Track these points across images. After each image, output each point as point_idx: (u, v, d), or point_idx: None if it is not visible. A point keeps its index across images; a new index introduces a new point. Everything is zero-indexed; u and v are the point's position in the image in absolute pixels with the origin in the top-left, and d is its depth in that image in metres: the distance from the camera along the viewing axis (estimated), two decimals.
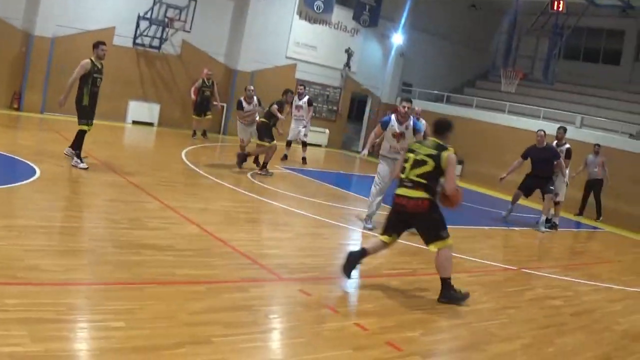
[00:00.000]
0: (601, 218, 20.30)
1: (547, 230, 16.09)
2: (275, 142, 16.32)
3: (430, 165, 7.90)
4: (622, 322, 8.82)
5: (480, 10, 32.48)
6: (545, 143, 15.93)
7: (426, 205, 7.95)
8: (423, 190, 7.93)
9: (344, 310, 7.20)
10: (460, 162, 27.37)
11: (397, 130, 12.10)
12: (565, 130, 17.01)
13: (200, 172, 15.23)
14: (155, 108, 24.04)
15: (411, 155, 8.14)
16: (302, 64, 28.32)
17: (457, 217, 14.88)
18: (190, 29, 23.42)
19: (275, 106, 16.66)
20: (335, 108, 30.14)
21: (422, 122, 15.97)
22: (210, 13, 24.96)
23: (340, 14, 29.19)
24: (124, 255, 7.55)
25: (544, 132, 16.12)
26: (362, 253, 8.33)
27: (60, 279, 6.35)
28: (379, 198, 12.26)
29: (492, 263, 11.25)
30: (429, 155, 7.96)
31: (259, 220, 11.22)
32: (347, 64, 29.87)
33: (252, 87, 17.34)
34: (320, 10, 28.02)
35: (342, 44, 29.62)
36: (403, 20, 30.55)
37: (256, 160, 16.98)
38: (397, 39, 31.10)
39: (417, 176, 7.93)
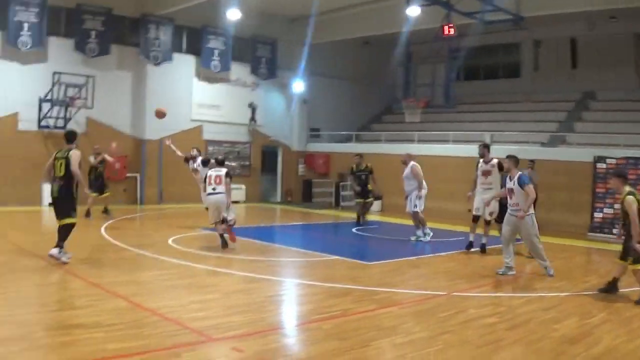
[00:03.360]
0: None
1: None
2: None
3: None
4: (559, 327, 9.09)
5: (374, 46, 33.26)
6: None
7: None
8: None
9: None
10: (379, 197, 27.80)
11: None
12: (485, 146, 16.88)
13: (122, 245, 15.21)
14: None
15: None
16: (207, 125, 28.63)
17: (382, 252, 15.17)
18: (92, 105, 23.49)
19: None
20: (247, 163, 30.41)
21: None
22: (110, 87, 25.13)
23: (238, 70, 29.66)
24: (54, 337, 7.59)
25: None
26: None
27: None
28: None
29: (421, 292, 11.46)
30: None
31: (184, 285, 11.24)
32: (253, 118, 30.27)
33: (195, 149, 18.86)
34: (218, 70, 28.40)
35: (245, 99, 30.07)
36: (302, 68, 31.00)
37: None
38: (298, 86, 31.72)
39: None
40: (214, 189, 15.49)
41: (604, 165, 20.50)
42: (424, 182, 17.92)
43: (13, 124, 22.89)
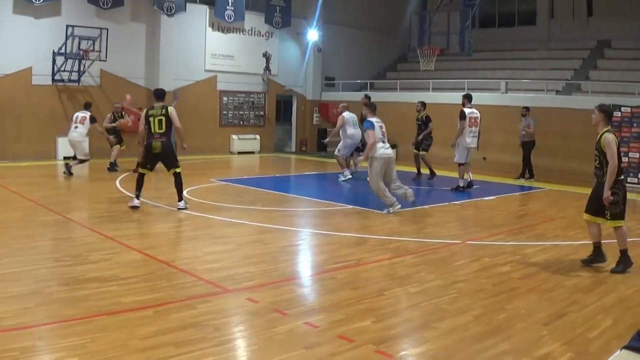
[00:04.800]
0: (523, 178, 20.95)
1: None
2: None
3: None
4: (572, 277, 9.12)
5: None
6: None
7: None
8: None
9: (293, 312, 7.25)
10: (393, 146, 27.72)
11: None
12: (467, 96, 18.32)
13: None
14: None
15: None
16: (222, 75, 28.50)
17: (397, 201, 15.16)
18: (106, 57, 23.37)
19: None
20: (261, 113, 30.29)
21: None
22: (123, 39, 24.94)
23: (252, 20, 29.41)
24: (69, 292, 7.63)
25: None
26: None
27: (9, 325, 6.41)
28: None
29: (436, 240, 11.47)
30: None
31: (199, 237, 11.28)
32: (267, 68, 30.11)
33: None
34: (232, 19, 28.15)
35: (259, 49, 29.90)
36: (316, 16, 30.80)
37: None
38: (312, 35, 31.50)
39: None
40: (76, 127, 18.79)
41: (619, 114, 20.24)
42: (350, 131, 20.01)
43: (27, 78, 22.85)
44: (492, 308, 7.57)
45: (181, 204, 13.67)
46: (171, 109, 13.72)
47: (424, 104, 20.75)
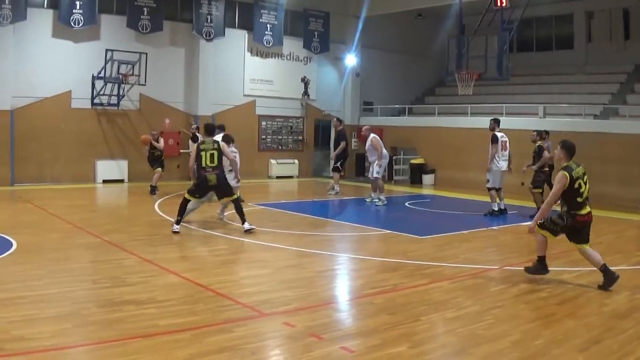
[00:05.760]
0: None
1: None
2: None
3: None
4: (609, 302, 8.98)
5: (427, 19, 32.87)
6: None
7: None
8: None
9: (329, 336, 7.20)
10: (432, 170, 27.69)
11: None
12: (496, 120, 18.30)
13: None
14: (124, 164, 24.25)
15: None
16: (260, 100, 28.68)
17: (434, 226, 15.09)
18: (145, 81, 23.56)
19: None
20: (300, 138, 30.38)
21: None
22: (163, 63, 25.21)
23: (290, 45, 29.59)
24: (107, 314, 7.64)
25: None
26: None
27: (47, 346, 6.42)
28: None
29: (473, 266, 11.36)
30: None
31: (236, 261, 11.31)
32: (306, 92, 30.18)
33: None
34: (270, 44, 28.36)
35: (297, 74, 30.01)
36: (355, 41, 30.91)
37: None
38: (351, 60, 31.60)
39: None
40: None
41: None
42: (384, 151, 20.10)
43: (67, 101, 23.17)
44: (528, 334, 7.46)
45: (246, 225, 13.87)
46: (222, 144, 14.22)
47: (539, 133, 18.48)
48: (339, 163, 22.83)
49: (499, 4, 23.43)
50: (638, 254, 13.13)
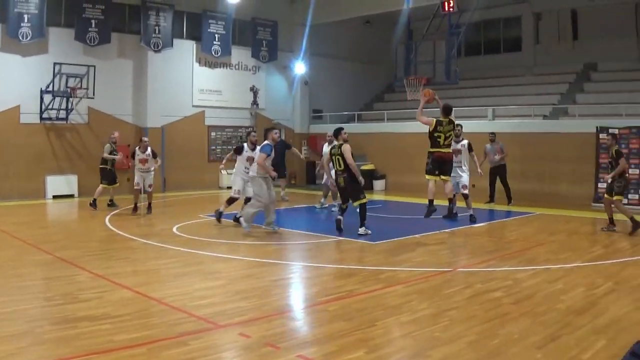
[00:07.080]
0: (512, 202, 21.21)
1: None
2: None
3: None
4: (565, 299, 9.15)
5: (374, 25, 33.24)
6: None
7: None
8: None
9: (286, 345, 7.23)
10: (383, 176, 27.84)
11: None
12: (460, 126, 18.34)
13: (126, 235, 15.26)
14: (73, 179, 24.05)
15: None
16: (210, 110, 28.71)
17: (387, 231, 15.21)
18: (94, 94, 23.42)
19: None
20: None
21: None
22: (111, 75, 25.12)
23: (239, 54, 29.71)
24: (62, 331, 7.59)
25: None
26: None
27: None
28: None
29: (427, 269, 11.46)
30: None
31: (189, 273, 11.26)
32: (255, 102, 30.26)
33: (146, 138, 19.08)
34: (219, 54, 28.41)
35: (246, 83, 30.15)
36: (302, 49, 31.03)
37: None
38: (299, 68, 31.71)
39: None
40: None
41: (607, 136, 20.46)
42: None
43: (15, 116, 22.93)
44: (485, 334, 7.57)
45: (361, 230, 14.91)
46: (345, 148, 15.10)
47: (613, 136, 17.00)
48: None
49: (446, 9, 23.66)
50: (591, 250, 13.36)
